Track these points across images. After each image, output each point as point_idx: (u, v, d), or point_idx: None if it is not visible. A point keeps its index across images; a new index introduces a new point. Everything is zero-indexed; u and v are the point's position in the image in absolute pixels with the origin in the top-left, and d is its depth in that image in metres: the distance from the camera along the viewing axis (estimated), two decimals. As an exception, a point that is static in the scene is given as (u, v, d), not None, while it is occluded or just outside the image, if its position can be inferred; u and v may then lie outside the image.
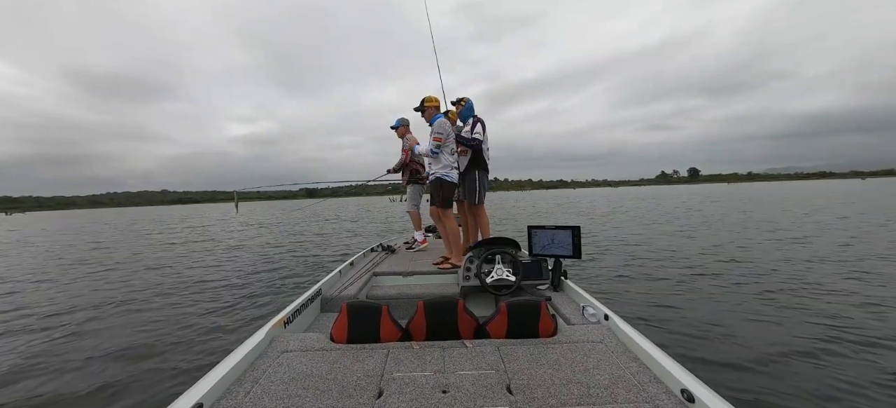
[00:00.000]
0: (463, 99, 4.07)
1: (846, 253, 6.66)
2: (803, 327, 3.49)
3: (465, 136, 3.86)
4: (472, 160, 3.94)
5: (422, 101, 3.89)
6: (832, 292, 4.46)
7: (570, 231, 2.99)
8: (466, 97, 4.09)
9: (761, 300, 4.26)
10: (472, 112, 4.04)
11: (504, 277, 2.85)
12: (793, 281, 4.99)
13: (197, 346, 3.58)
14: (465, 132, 3.91)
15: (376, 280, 3.46)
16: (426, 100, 3.86)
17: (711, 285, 4.96)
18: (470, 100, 4.07)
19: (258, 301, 5.03)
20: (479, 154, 3.94)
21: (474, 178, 3.96)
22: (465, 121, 4.06)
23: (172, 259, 9.24)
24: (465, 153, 3.96)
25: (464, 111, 4.04)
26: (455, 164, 3.81)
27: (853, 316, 3.70)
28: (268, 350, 1.76)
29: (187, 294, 5.57)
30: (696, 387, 1.33)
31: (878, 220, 11.29)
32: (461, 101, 4.06)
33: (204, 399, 1.33)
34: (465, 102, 4.05)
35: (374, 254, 4.39)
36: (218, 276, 6.83)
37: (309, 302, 2.56)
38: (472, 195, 3.99)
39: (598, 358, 1.61)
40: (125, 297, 5.55)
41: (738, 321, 3.67)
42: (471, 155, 3.93)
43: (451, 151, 3.76)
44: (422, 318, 1.85)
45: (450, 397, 1.35)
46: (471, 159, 3.94)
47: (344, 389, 1.42)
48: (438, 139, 3.61)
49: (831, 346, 3.08)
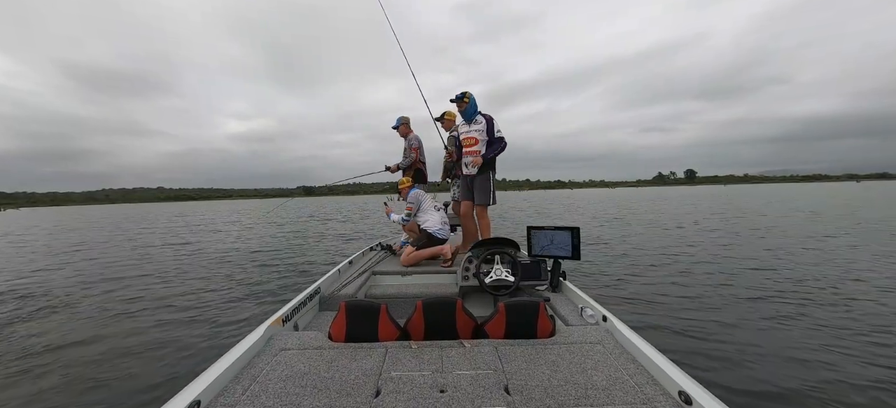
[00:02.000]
0: (466, 95, 3.78)
1: (853, 255, 6.68)
2: (804, 330, 3.50)
3: (491, 145, 3.76)
4: (487, 161, 3.80)
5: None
6: (837, 295, 4.47)
7: (569, 232, 2.99)
8: (469, 92, 3.79)
9: (763, 303, 4.27)
10: (477, 109, 3.82)
11: (503, 277, 2.85)
12: (797, 284, 5.00)
13: (194, 344, 3.58)
14: (477, 132, 3.74)
15: (375, 279, 3.46)
16: (400, 174, 4.61)
17: (711, 286, 4.97)
18: (473, 96, 3.80)
19: (256, 299, 5.02)
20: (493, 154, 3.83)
21: (488, 178, 3.85)
22: (470, 118, 3.83)
23: (171, 259, 9.22)
24: (477, 154, 3.79)
25: (468, 109, 3.81)
26: (444, 220, 4.01)
27: (855, 319, 3.71)
28: (266, 348, 1.76)
29: (187, 294, 5.56)
30: (694, 389, 1.33)
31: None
32: (464, 97, 3.78)
33: (201, 397, 1.32)
34: (468, 98, 3.78)
35: (373, 253, 4.39)
36: (217, 275, 6.82)
37: (307, 301, 2.56)
38: (486, 196, 3.87)
39: (596, 359, 1.61)
40: (122, 296, 5.54)
41: (739, 323, 3.67)
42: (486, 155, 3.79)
43: (435, 207, 4.13)
44: (420, 317, 1.85)
45: (447, 397, 1.35)
46: (486, 160, 3.79)
47: (342, 387, 1.42)
48: (410, 208, 4.13)
49: (832, 348, 3.09)
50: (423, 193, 4.28)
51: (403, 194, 4.33)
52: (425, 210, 4.11)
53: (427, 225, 3.94)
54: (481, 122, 3.76)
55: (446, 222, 4.06)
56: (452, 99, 3.88)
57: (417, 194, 4.20)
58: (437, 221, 3.97)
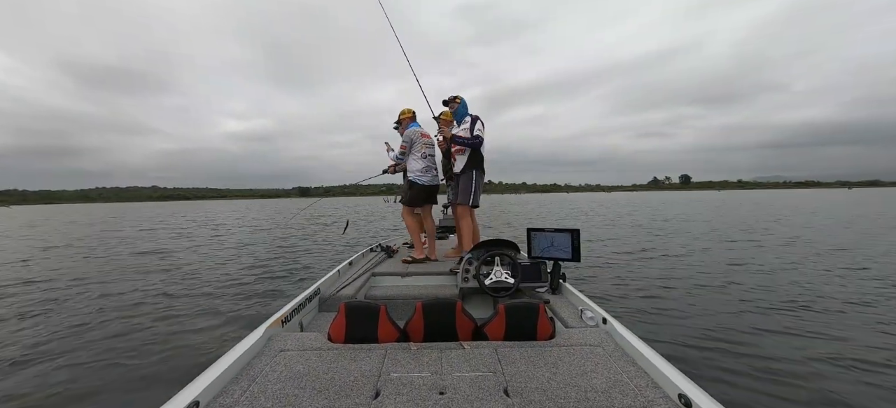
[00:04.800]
0: (456, 98, 3.98)
1: (854, 262, 6.68)
2: (804, 336, 3.49)
3: (464, 135, 3.73)
4: (471, 159, 3.81)
5: (398, 114, 4.20)
6: (835, 301, 4.47)
7: (569, 234, 2.99)
8: (460, 96, 4.00)
9: (764, 307, 4.27)
10: (467, 110, 3.96)
11: (503, 279, 2.85)
12: (798, 290, 4.99)
13: (193, 344, 3.57)
14: (463, 130, 3.79)
15: (375, 280, 3.46)
16: (401, 113, 4.15)
17: (712, 290, 4.97)
18: (463, 98, 4.00)
19: (256, 300, 5.02)
20: (478, 153, 3.82)
21: (471, 177, 3.80)
22: (460, 120, 3.96)
23: (170, 258, 9.22)
24: (461, 152, 3.83)
25: (459, 110, 3.97)
26: (428, 168, 3.88)
27: (858, 322, 3.71)
28: (265, 349, 1.75)
29: (186, 294, 5.56)
30: (694, 392, 1.33)
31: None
32: (454, 99, 3.98)
33: (200, 397, 1.32)
34: (458, 101, 3.97)
35: (372, 254, 4.38)
36: (217, 275, 6.82)
37: (307, 302, 2.55)
38: (466, 196, 3.81)
39: (595, 362, 1.61)
40: (121, 296, 5.54)
41: (740, 326, 3.67)
42: (469, 154, 3.80)
43: (422, 155, 3.88)
44: (420, 319, 1.85)
45: (447, 399, 1.34)
46: (469, 158, 3.81)
47: (341, 389, 1.41)
48: (403, 148, 3.90)
49: (832, 353, 3.09)
50: (418, 134, 3.91)
51: (402, 127, 4.13)
52: (414, 153, 3.87)
53: (410, 168, 3.88)
54: (468, 121, 3.85)
55: (431, 169, 3.90)
56: (445, 101, 4.04)
57: (412, 133, 3.88)
58: (420, 167, 3.83)
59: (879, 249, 7.77)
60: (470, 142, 3.71)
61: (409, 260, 3.85)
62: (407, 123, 4.11)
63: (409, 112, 4.16)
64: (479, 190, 3.87)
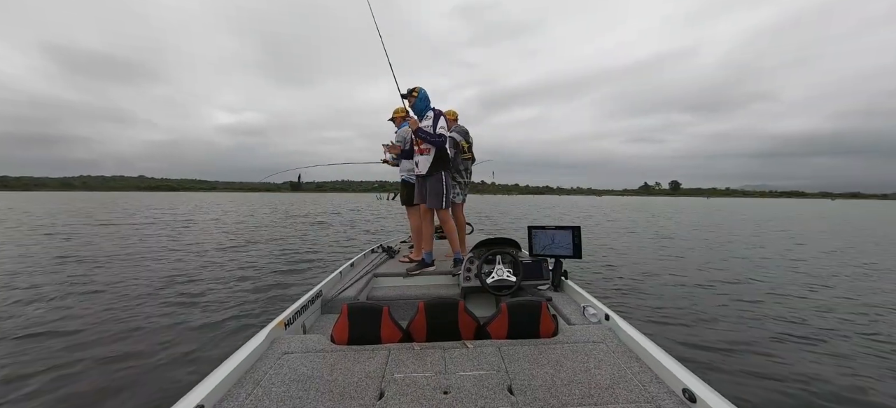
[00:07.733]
0: (415, 90, 3.47)
1: (857, 266, 6.67)
2: (808, 332, 3.49)
3: (427, 130, 3.32)
4: (437, 160, 3.49)
5: (393, 113, 4.32)
6: (838, 300, 4.47)
7: (570, 231, 2.99)
8: (419, 86, 3.50)
9: (765, 305, 4.26)
10: (428, 104, 3.48)
11: (504, 277, 2.85)
12: (800, 289, 4.99)
13: (197, 348, 3.57)
14: (426, 126, 3.37)
15: (377, 281, 3.45)
16: (395, 112, 4.27)
17: (712, 288, 4.96)
18: (423, 89, 3.47)
19: (258, 303, 5.02)
20: (443, 152, 3.49)
21: (439, 179, 3.49)
22: (420, 114, 3.47)
23: (168, 258, 9.21)
24: (426, 152, 3.46)
25: (418, 103, 3.44)
26: (411, 168, 3.90)
27: (859, 323, 3.70)
28: (268, 352, 1.75)
29: (186, 295, 5.56)
30: (698, 387, 1.33)
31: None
32: (412, 92, 3.47)
33: (205, 401, 1.32)
34: (416, 92, 3.45)
35: (374, 255, 4.38)
36: (217, 276, 6.81)
37: (309, 303, 2.55)
38: (435, 199, 3.49)
39: (599, 358, 1.61)
40: (121, 297, 5.53)
41: (740, 323, 3.67)
42: (434, 154, 3.46)
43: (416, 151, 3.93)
44: (422, 319, 1.85)
45: (451, 398, 1.34)
46: (435, 159, 3.47)
47: (345, 390, 1.41)
48: (398, 149, 4.00)
49: (833, 350, 3.09)
50: (411, 133, 3.68)
51: (397, 124, 4.29)
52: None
53: (402, 168, 4.15)
54: (431, 117, 3.45)
55: (417, 168, 3.66)
56: (403, 94, 3.57)
57: (405, 132, 3.92)
58: (407, 165, 4.05)
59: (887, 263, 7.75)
60: (432, 139, 3.33)
61: (407, 260, 3.89)
62: (400, 122, 4.22)
63: (403, 111, 4.23)
64: (450, 191, 3.59)
